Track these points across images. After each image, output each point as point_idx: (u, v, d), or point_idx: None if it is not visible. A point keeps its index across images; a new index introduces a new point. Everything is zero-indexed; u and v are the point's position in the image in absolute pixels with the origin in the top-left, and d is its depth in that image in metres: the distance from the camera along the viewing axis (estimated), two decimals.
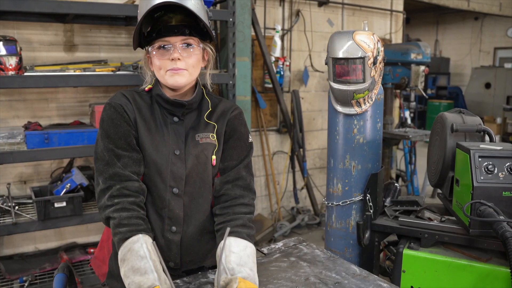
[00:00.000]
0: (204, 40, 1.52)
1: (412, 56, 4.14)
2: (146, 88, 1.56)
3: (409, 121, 4.90)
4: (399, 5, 5.76)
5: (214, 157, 1.54)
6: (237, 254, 1.36)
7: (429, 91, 9.92)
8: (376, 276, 1.46)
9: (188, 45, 1.45)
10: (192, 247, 1.55)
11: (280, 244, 1.73)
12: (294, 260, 1.58)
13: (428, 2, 7.25)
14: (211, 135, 1.55)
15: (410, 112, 4.64)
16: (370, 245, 2.13)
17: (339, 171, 2.18)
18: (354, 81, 1.99)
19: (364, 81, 1.98)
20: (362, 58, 1.94)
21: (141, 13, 1.40)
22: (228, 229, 1.31)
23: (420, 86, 4.21)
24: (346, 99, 2.05)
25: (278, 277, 1.45)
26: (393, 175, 5.42)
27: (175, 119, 1.53)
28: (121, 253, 1.32)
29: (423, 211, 2.08)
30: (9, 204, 3.07)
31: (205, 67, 1.59)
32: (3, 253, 3.60)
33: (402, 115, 5.00)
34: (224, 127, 1.58)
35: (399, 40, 5.80)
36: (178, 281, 1.44)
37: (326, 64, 2.08)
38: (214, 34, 1.53)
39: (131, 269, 1.26)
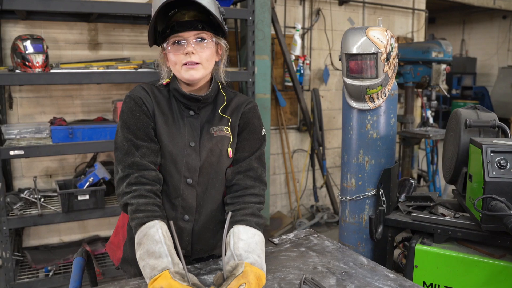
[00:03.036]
0: (217, 35, 1.56)
1: (433, 54, 4.11)
2: (164, 82, 1.61)
3: (431, 120, 4.85)
4: (421, 4, 5.71)
5: (230, 149, 1.59)
6: (245, 241, 1.40)
7: (454, 91, 9.77)
8: (383, 267, 1.48)
9: (202, 39, 1.50)
10: (203, 235, 1.59)
11: (291, 235, 1.77)
12: (304, 250, 1.61)
13: (452, 1, 7.15)
14: (225, 128, 1.59)
15: (432, 111, 4.60)
16: (383, 240, 2.14)
17: (352, 166, 2.20)
18: (367, 77, 2.00)
19: (377, 77, 2.00)
20: (375, 54, 1.96)
21: (154, 11, 1.45)
22: (230, 214, 1.34)
23: (442, 84, 4.18)
24: (359, 94, 2.07)
25: (287, 265, 1.48)
26: (415, 175, 5.38)
27: (191, 113, 1.58)
28: (137, 237, 1.39)
29: (436, 207, 2.08)
30: (35, 196, 3.18)
31: (219, 62, 1.63)
32: (30, 244, 3.74)
33: (424, 114, 4.96)
34: (238, 120, 1.62)
35: (421, 39, 5.75)
36: (189, 266, 1.49)
37: (340, 60, 2.10)
38: (227, 29, 1.58)
39: (146, 253, 1.32)
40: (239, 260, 1.34)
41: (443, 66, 4.12)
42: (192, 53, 1.48)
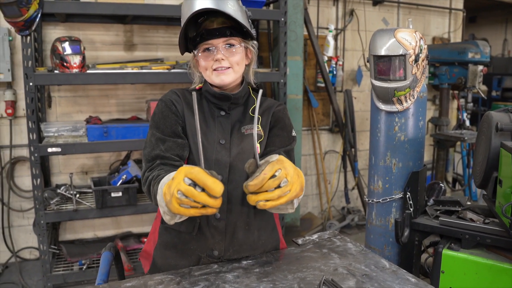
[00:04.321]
0: (246, 39, 1.59)
1: (470, 55, 4.00)
2: (197, 87, 1.66)
3: (467, 123, 4.73)
4: (459, 3, 5.56)
5: (258, 145, 1.56)
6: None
7: (493, 93, 9.46)
8: (405, 271, 1.47)
9: (231, 45, 1.53)
10: (236, 235, 1.57)
11: (315, 236, 1.77)
12: (326, 251, 1.61)
13: None
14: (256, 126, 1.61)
15: (467, 114, 4.48)
16: (410, 244, 2.12)
17: (380, 168, 2.19)
18: (395, 79, 1.99)
19: (405, 79, 1.98)
20: (403, 56, 1.94)
21: (183, 20, 1.49)
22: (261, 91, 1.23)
23: (478, 86, 4.07)
24: (387, 96, 2.05)
25: (308, 266, 1.49)
26: (450, 179, 5.25)
27: (222, 112, 1.61)
28: (161, 184, 1.29)
29: (465, 211, 2.04)
30: (71, 192, 3.30)
31: (248, 65, 1.66)
32: (65, 238, 3.88)
33: (460, 116, 4.84)
34: (269, 119, 1.64)
35: (459, 39, 5.60)
36: (215, 265, 1.52)
37: (368, 61, 2.09)
38: (255, 32, 1.60)
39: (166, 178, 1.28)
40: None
41: (480, 67, 4.00)
42: (222, 59, 1.52)
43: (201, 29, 1.53)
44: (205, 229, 1.55)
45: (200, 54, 1.55)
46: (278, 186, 1.17)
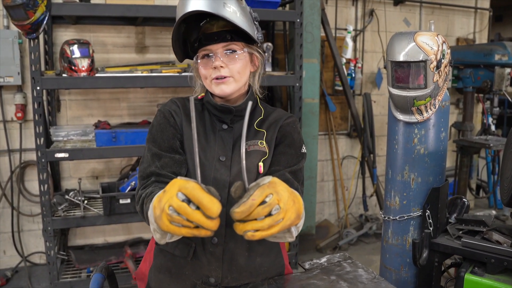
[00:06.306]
0: (250, 44, 1.45)
1: (496, 57, 3.80)
2: (199, 96, 1.53)
3: (492, 128, 4.51)
4: (485, 2, 5.32)
5: (261, 164, 1.43)
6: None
7: None
8: None
9: (232, 51, 1.39)
10: (234, 262, 1.44)
11: (323, 260, 1.64)
12: (334, 279, 1.48)
13: None
14: (260, 142, 1.47)
15: (493, 118, 4.27)
16: (429, 266, 1.95)
17: (397, 183, 2.03)
18: (414, 87, 1.83)
19: (425, 87, 1.82)
20: (424, 62, 1.79)
21: (175, 23, 1.36)
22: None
23: (505, 89, 3.86)
24: (406, 106, 1.90)
25: None
26: (473, 186, 5.04)
27: (224, 126, 1.47)
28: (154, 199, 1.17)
29: (490, 232, 1.87)
30: (79, 198, 3.23)
31: (254, 72, 1.52)
32: (76, 243, 3.83)
33: (485, 121, 4.62)
34: (276, 134, 1.49)
35: (484, 40, 5.36)
36: None
37: (385, 67, 1.94)
38: (261, 36, 1.46)
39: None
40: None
41: (507, 70, 3.79)
42: (221, 66, 1.38)
43: (201, 33, 1.40)
44: (200, 254, 1.42)
45: (199, 61, 1.41)
46: (270, 214, 1.02)
